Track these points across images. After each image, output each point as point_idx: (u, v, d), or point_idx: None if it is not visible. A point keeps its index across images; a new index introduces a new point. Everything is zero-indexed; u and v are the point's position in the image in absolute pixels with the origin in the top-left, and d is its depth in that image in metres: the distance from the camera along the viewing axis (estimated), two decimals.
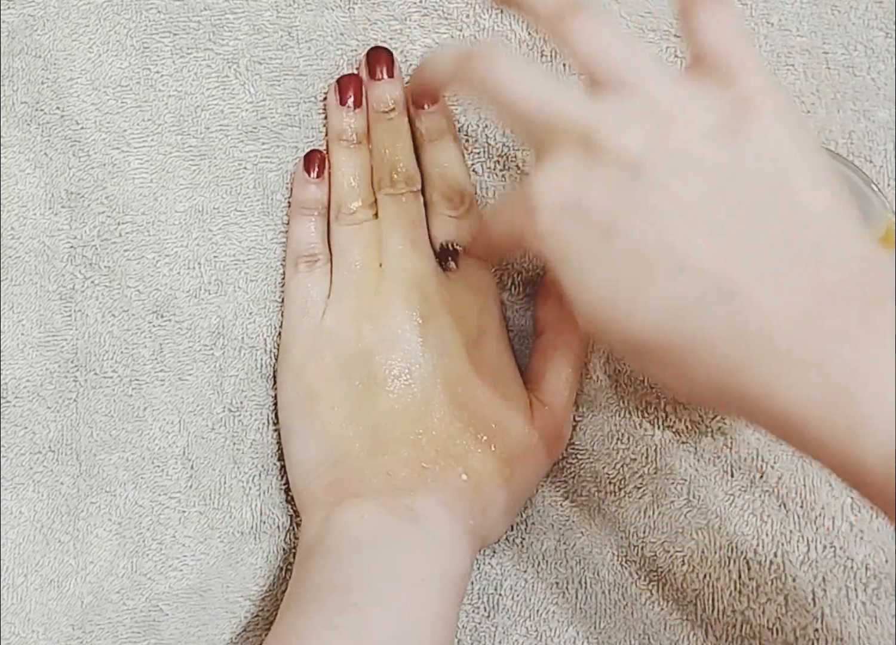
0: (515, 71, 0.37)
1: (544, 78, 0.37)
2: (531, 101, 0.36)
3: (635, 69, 0.36)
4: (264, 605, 0.47)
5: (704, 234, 0.33)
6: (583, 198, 0.35)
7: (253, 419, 0.47)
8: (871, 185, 0.45)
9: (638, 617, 0.47)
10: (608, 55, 0.36)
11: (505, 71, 0.37)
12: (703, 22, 0.36)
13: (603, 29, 0.37)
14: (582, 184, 0.35)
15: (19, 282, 0.47)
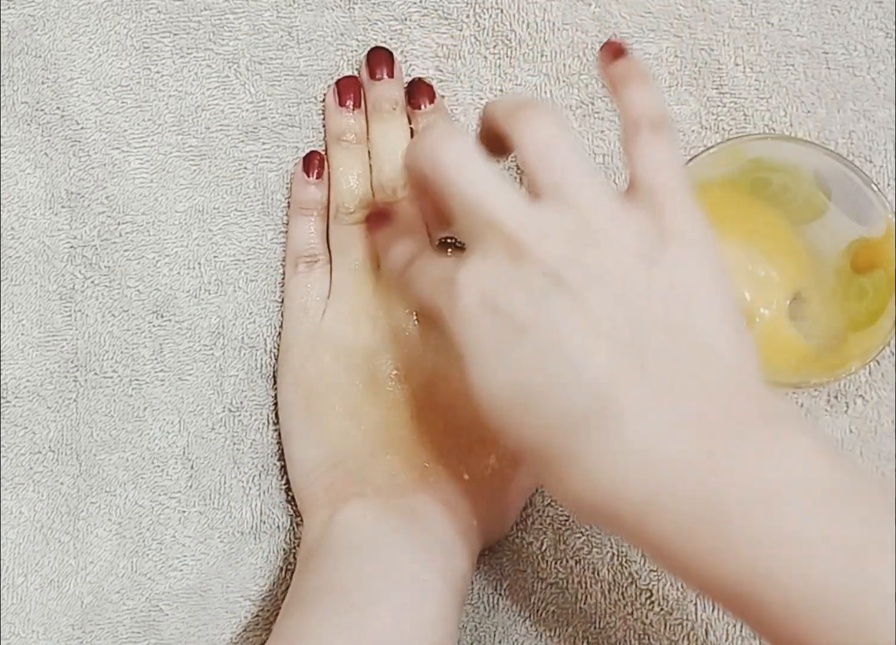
0: (463, 159, 0.37)
1: (489, 172, 0.37)
2: (470, 194, 0.36)
3: (575, 187, 0.36)
4: (264, 605, 0.47)
5: (604, 353, 0.34)
6: (500, 299, 0.35)
7: (253, 419, 0.47)
8: (871, 185, 0.45)
9: (638, 617, 0.47)
10: (551, 167, 0.36)
11: (453, 156, 0.37)
12: (641, 153, 0.37)
13: (553, 135, 0.37)
14: (502, 285, 0.35)
15: (19, 282, 0.47)
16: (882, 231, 0.45)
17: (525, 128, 0.37)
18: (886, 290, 0.45)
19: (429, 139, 0.38)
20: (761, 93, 0.50)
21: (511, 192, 0.36)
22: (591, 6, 0.50)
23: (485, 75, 0.49)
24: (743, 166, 0.46)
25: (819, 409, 0.49)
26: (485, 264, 0.36)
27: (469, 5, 0.49)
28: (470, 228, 0.37)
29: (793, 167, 0.46)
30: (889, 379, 0.49)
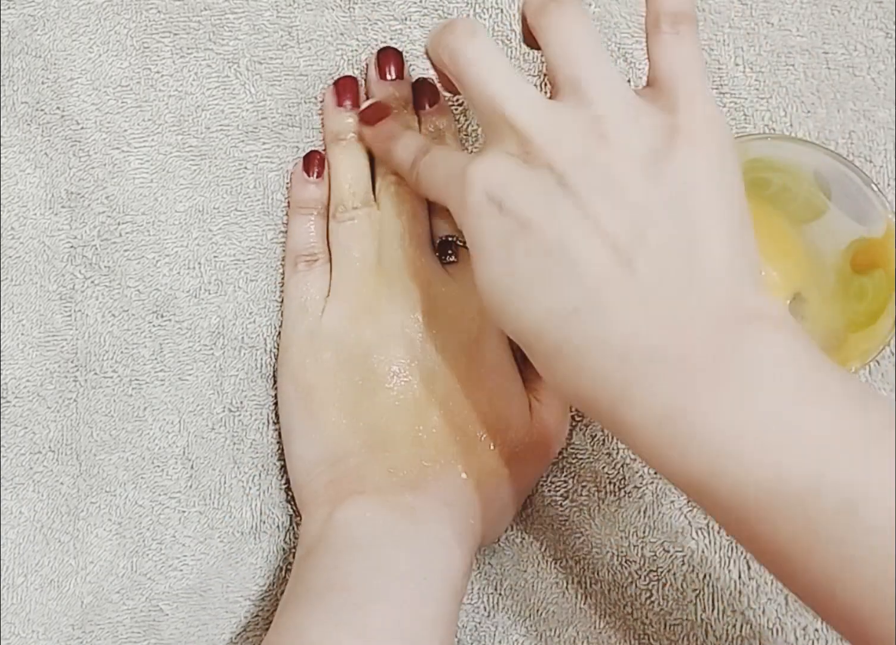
0: (483, 55, 0.38)
1: (507, 70, 0.38)
2: (489, 90, 0.38)
3: (591, 82, 0.37)
4: (264, 605, 0.47)
5: (601, 252, 0.35)
6: (508, 192, 0.37)
7: (253, 419, 0.47)
8: (871, 185, 0.45)
9: (638, 617, 0.47)
10: (571, 62, 0.37)
11: (474, 52, 0.38)
12: (661, 48, 0.38)
13: (576, 32, 0.38)
14: (511, 180, 0.37)
15: (19, 282, 0.47)
16: (882, 231, 0.45)
17: (548, 24, 0.38)
18: (886, 290, 0.45)
19: (451, 33, 0.39)
20: (761, 93, 0.50)
21: (527, 91, 0.37)
22: (591, 6, 0.50)
23: None
24: (743, 166, 0.46)
25: None
26: (496, 160, 0.37)
27: (469, 5, 0.49)
28: (487, 124, 0.38)
29: (793, 167, 0.46)
30: (889, 379, 0.49)
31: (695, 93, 0.37)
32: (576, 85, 0.37)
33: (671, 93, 0.37)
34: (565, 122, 0.37)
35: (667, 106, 0.37)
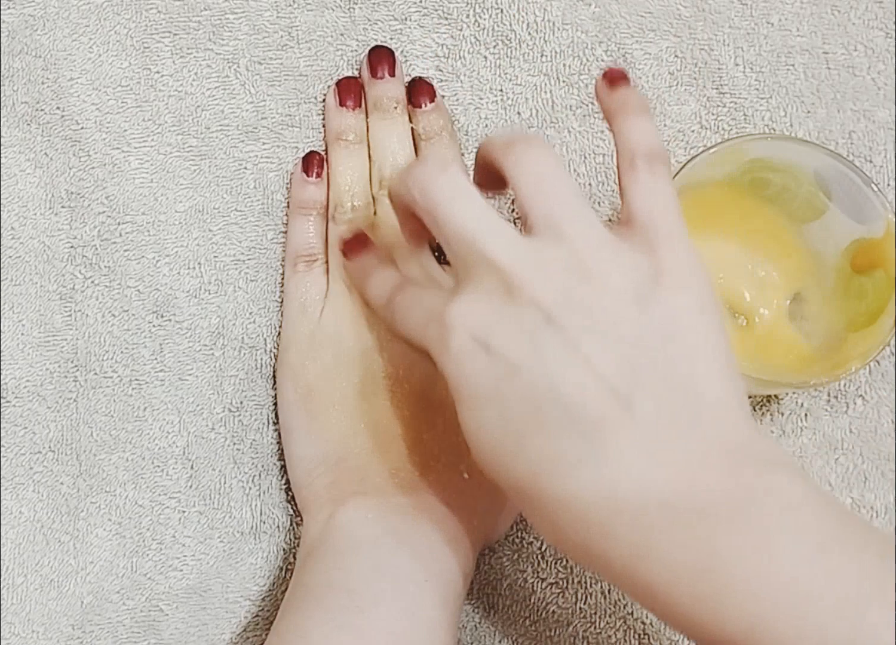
0: (456, 193, 0.37)
1: (481, 206, 0.36)
2: (464, 230, 0.36)
3: (566, 221, 0.36)
4: (264, 605, 0.47)
5: (596, 394, 0.34)
6: (494, 334, 0.35)
7: (253, 419, 0.47)
8: (871, 185, 0.45)
9: (638, 617, 0.47)
10: (544, 200, 0.36)
11: (446, 190, 0.37)
12: (636, 188, 0.37)
13: (547, 170, 0.37)
14: (495, 323, 0.35)
15: (19, 282, 0.47)
16: (882, 231, 0.45)
17: (518, 162, 0.37)
18: (886, 290, 0.45)
19: (421, 170, 0.37)
20: (761, 93, 0.50)
21: (504, 228, 0.36)
22: (591, 6, 0.50)
23: (485, 75, 0.49)
24: (743, 166, 0.46)
25: (819, 409, 0.49)
26: (477, 300, 0.36)
27: (469, 5, 0.49)
28: (462, 262, 0.37)
29: (793, 167, 0.46)
30: (889, 379, 0.49)
31: (674, 233, 0.36)
32: (551, 223, 0.36)
33: (650, 232, 0.36)
34: (546, 259, 0.35)
35: (645, 245, 0.36)
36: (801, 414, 0.49)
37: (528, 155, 0.37)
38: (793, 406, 0.49)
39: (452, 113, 0.49)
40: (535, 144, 0.37)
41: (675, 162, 0.49)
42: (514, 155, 0.37)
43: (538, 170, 0.37)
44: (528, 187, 0.36)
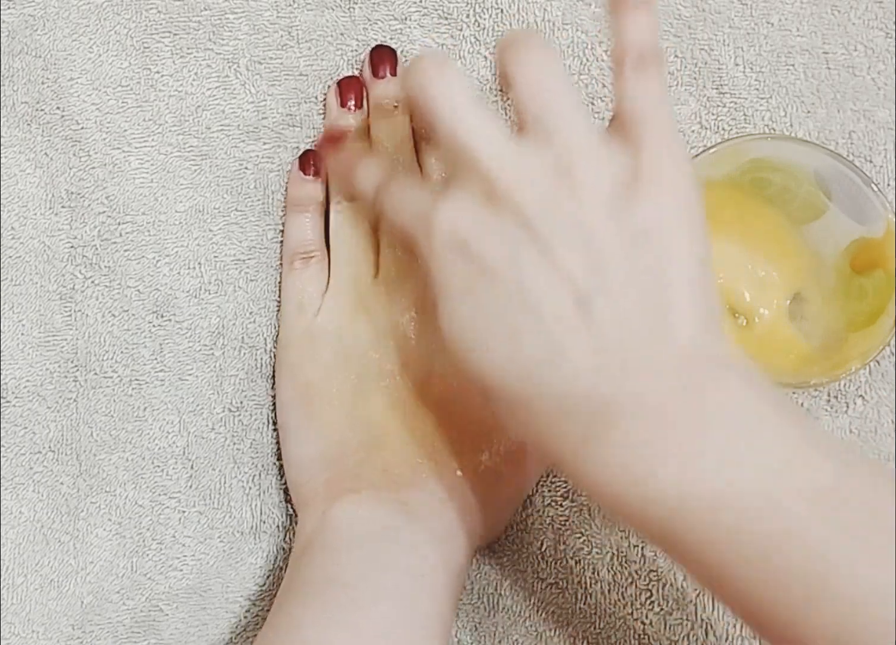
0: (453, 89, 0.37)
1: (475, 106, 0.37)
2: (457, 126, 0.37)
3: (557, 121, 0.36)
4: (264, 605, 0.47)
5: (563, 298, 0.35)
6: (473, 238, 0.36)
7: (253, 419, 0.47)
8: (871, 185, 0.45)
9: (638, 617, 0.47)
10: (537, 100, 0.36)
11: (441, 86, 0.37)
12: (626, 85, 0.37)
13: (543, 70, 0.37)
14: (476, 225, 0.36)
15: (19, 282, 0.47)
16: (882, 231, 0.45)
17: (515, 61, 0.37)
18: (886, 290, 0.45)
19: (420, 68, 0.38)
20: (761, 93, 0.50)
21: (495, 129, 0.37)
22: (591, 6, 0.50)
23: (485, 75, 0.49)
24: (743, 166, 0.46)
25: (819, 409, 0.49)
26: (461, 203, 0.37)
27: (469, 5, 0.49)
28: (452, 160, 0.38)
29: (793, 167, 0.46)
30: (889, 379, 0.49)
31: (660, 132, 0.36)
32: (542, 123, 0.36)
33: (636, 132, 0.36)
34: (530, 162, 0.36)
35: (632, 145, 0.36)
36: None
37: (525, 55, 0.37)
38: None
39: None
40: (534, 44, 0.37)
41: None
42: (513, 54, 0.37)
43: (534, 70, 0.37)
44: (523, 87, 0.37)
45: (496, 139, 0.36)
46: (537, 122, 0.36)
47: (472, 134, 0.36)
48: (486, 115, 0.37)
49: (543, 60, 0.37)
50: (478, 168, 0.36)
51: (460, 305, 0.37)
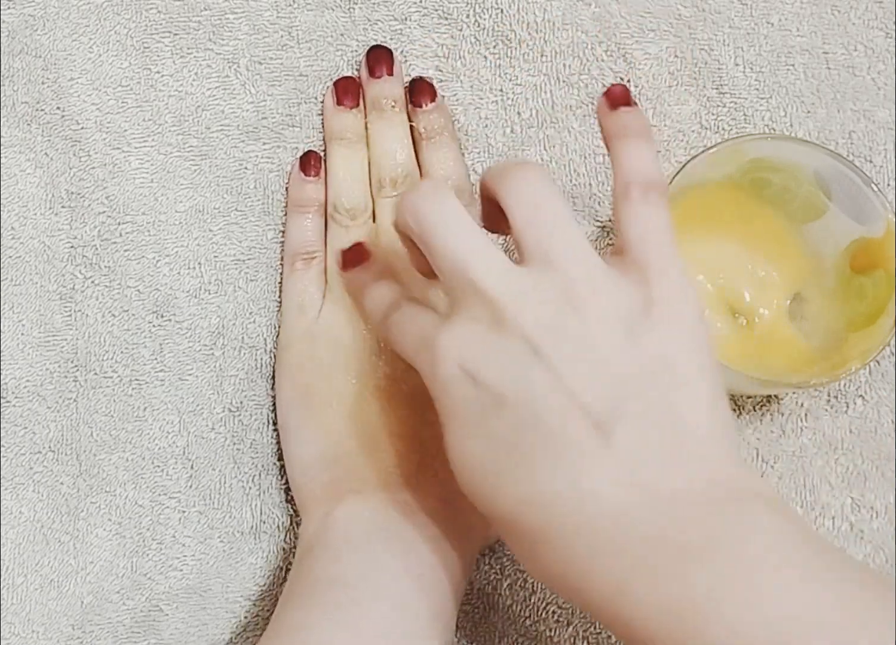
0: (448, 219, 0.36)
1: (474, 235, 0.36)
2: (459, 253, 0.36)
3: (559, 250, 0.35)
4: (264, 605, 0.47)
5: (579, 426, 0.34)
6: (481, 366, 0.35)
7: (253, 419, 0.47)
8: (871, 185, 0.45)
9: None
10: (538, 228, 0.36)
11: (439, 214, 0.36)
12: (631, 217, 0.37)
13: (541, 197, 0.36)
14: (484, 353, 0.35)
15: (19, 282, 0.47)
16: (882, 231, 0.45)
17: (512, 190, 0.36)
18: (886, 290, 0.45)
19: (416, 197, 0.37)
20: (761, 93, 0.50)
21: (496, 256, 0.36)
22: (591, 6, 0.50)
23: (485, 75, 0.49)
24: (743, 166, 0.46)
25: (819, 409, 0.49)
26: (466, 330, 0.36)
27: (469, 5, 0.49)
28: (454, 289, 0.37)
29: (793, 167, 0.46)
30: (889, 379, 0.49)
31: (667, 264, 0.36)
32: (544, 252, 0.35)
33: (643, 263, 0.36)
34: (536, 289, 0.35)
35: (638, 275, 0.36)
36: (801, 414, 0.49)
37: (522, 183, 0.36)
38: (793, 406, 0.49)
39: (452, 113, 0.49)
40: (530, 172, 0.37)
41: (675, 162, 0.49)
42: (508, 182, 0.37)
43: (532, 198, 0.36)
44: (522, 215, 0.36)
45: (500, 267, 0.36)
46: (540, 252, 0.36)
47: (475, 261, 0.36)
48: (487, 242, 0.36)
49: (541, 188, 0.36)
50: (481, 294, 0.35)
51: (470, 434, 0.35)
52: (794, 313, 0.47)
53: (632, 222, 0.36)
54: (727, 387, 0.46)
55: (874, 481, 0.48)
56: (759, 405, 0.49)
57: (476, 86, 0.49)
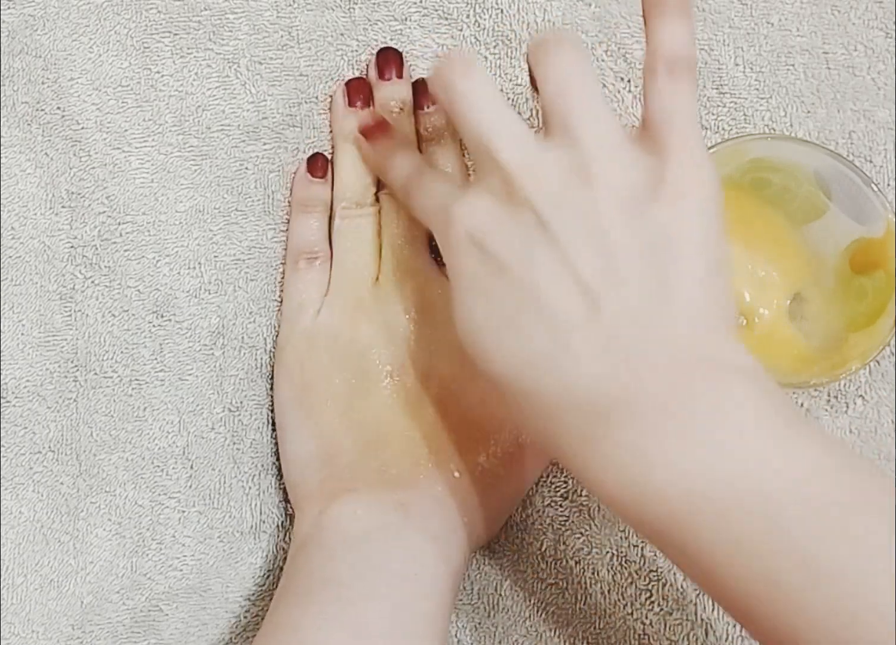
0: (475, 89, 0.38)
1: (501, 106, 0.38)
2: (481, 125, 0.37)
3: (582, 123, 0.37)
4: (264, 605, 0.47)
5: (573, 296, 0.35)
6: (489, 235, 0.37)
7: (253, 419, 0.47)
8: (871, 185, 0.45)
9: (638, 617, 0.47)
10: (564, 101, 0.37)
11: (467, 85, 0.38)
12: (657, 94, 0.37)
13: (572, 71, 0.37)
14: (493, 223, 0.37)
15: (19, 282, 0.47)
16: (882, 231, 0.45)
17: (544, 63, 0.38)
18: (886, 290, 0.45)
19: (446, 68, 0.39)
20: (761, 93, 0.50)
21: (517, 128, 0.37)
22: (591, 6, 0.50)
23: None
24: (743, 166, 0.46)
25: (819, 409, 0.49)
26: (480, 199, 0.37)
27: (469, 5, 0.49)
28: (477, 160, 0.39)
29: (793, 167, 0.46)
30: (889, 379, 0.49)
31: (686, 140, 0.37)
32: (567, 124, 0.37)
33: (662, 138, 0.37)
34: (551, 162, 0.36)
35: (657, 150, 0.37)
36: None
37: (555, 55, 0.37)
38: None
39: None
40: (564, 44, 0.38)
41: None
42: (542, 54, 0.38)
43: (562, 70, 0.37)
44: (550, 88, 0.37)
45: (520, 139, 0.37)
46: (562, 123, 0.37)
47: (496, 133, 0.37)
48: (511, 115, 0.37)
49: (571, 61, 0.37)
50: (499, 167, 0.37)
51: (474, 299, 0.37)
52: (794, 313, 0.47)
53: (656, 98, 0.37)
54: None
55: None
56: None
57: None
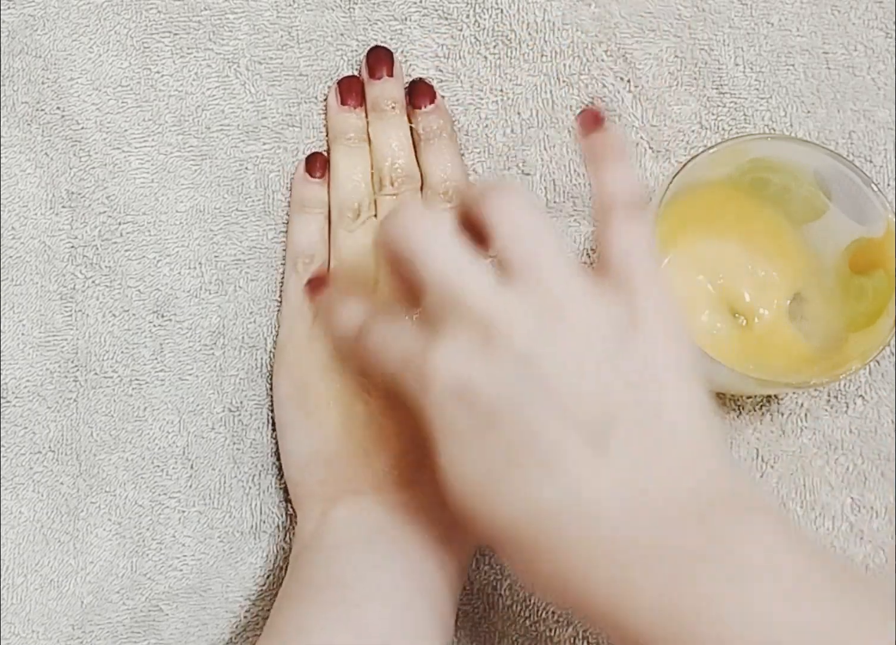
0: (434, 236, 0.37)
1: (459, 252, 0.36)
2: (440, 274, 0.36)
3: (544, 265, 0.36)
4: (264, 605, 0.47)
5: (575, 441, 0.34)
6: (472, 384, 0.35)
7: (253, 419, 0.47)
8: (871, 185, 0.45)
9: None
10: (521, 245, 0.36)
11: (423, 233, 0.37)
12: (613, 235, 0.37)
13: (522, 214, 0.37)
14: (473, 370, 0.35)
15: (19, 282, 0.47)
16: (882, 231, 0.45)
17: (496, 208, 0.37)
18: (886, 290, 0.45)
19: (400, 217, 0.37)
20: (761, 93, 0.50)
21: (482, 273, 0.36)
22: (591, 6, 0.50)
23: (485, 75, 0.49)
24: (743, 166, 0.46)
25: (819, 409, 0.49)
26: (455, 349, 0.35)
27: (469, 5, 0.49)
28: (440, 308, 0.36)
29: (793, 167, 0.46)
30: (889, 379, 0.49)
31: (649, 275, 0.37)
32: (528, 267, 0.36)
33: (627, 277, 0.36)
34: (523, 302, 0.35)
35: (622, 289, 0.36)
36: (801, 414, 0.49)
37: (502, 201, 0.37)
38: (793, 406, 0.49)
39: (452, 113, 0.49)
40: (513, 190, 0.37)
41: (675, 162, 0.49)
42: (490, 201, 0.37)
43: (515, 215, 0.37)
44: (506, 232, 0.36)
45: (484, 282, 0.36)
46: (523, 268, 0.36)
47: (460, 277, 0.36)
48: (472, 258, 0.36)
49: (522, 205, 0.37)
50: (470, 312, 0.35)
51: (465, 452, 0.35)
52: (794, 313, 0.47)
53: (615, 241, 0.37)
54: (728, 387, 0.46)
55: (874, 481, 0.48)
56: (759, 405, 0.49)
57: (476, 86, 0.49)
